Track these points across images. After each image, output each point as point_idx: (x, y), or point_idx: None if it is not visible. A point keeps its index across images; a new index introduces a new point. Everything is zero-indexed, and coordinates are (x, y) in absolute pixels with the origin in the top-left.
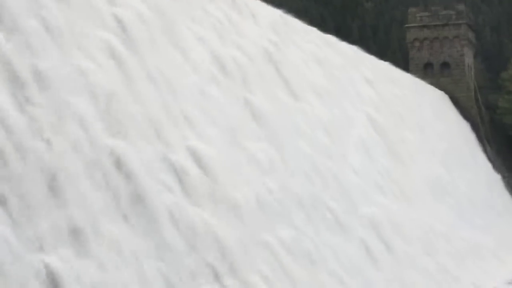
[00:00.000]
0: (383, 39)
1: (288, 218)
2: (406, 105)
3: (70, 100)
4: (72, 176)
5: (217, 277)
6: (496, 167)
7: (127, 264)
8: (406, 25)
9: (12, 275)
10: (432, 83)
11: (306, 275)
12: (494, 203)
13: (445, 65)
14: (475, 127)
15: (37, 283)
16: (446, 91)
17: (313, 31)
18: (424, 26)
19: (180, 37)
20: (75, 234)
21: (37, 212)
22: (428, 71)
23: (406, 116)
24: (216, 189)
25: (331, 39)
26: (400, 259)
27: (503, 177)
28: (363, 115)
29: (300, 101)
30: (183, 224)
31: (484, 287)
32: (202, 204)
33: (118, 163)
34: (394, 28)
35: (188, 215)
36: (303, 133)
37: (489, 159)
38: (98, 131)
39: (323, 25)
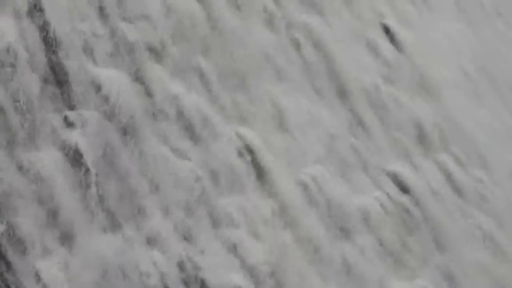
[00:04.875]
0: None
1: (483, 99)
2: None
3: None
4: (269, 55)
5: (408, 155)
6: None
7: (320, 138)
8: None
9: (212, 148)
10: None
11: (497, 157)
12: None
13: None
14: None
15: (233, 152)
16: None
17: None
18: None
19: None
20: (277, 112)
21: (231, 84)
22: None
23: None
24: (411, 68)
25: None
26: None
27: None
28: None
29: None
30: (377, 102)
31: None
32: (397, 83)
33: (312, 39)
34: None
35: (382, 94)
36: (502, 14)
37: None
38: (292, 7)
39: None
